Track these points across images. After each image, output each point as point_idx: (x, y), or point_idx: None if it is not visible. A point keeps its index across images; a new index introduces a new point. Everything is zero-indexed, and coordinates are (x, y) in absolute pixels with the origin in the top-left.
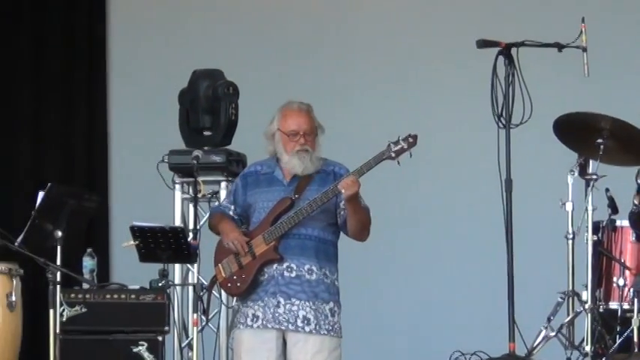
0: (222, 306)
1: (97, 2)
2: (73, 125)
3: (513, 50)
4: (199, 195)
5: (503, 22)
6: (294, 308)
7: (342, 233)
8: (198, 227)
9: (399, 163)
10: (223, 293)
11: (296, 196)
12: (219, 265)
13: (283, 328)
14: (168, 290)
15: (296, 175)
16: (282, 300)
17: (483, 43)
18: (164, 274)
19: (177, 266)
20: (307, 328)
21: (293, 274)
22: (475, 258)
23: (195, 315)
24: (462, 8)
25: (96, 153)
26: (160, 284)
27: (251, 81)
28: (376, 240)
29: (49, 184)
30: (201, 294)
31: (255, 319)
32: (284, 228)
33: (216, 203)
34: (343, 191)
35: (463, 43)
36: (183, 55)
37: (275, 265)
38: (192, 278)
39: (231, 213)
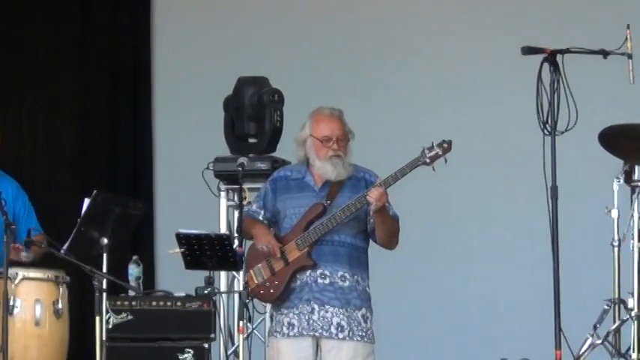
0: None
1: (141, 10)
2: (119, 133)
3: (558, 57)
4: (244, 202)
5: (548, 29)
6: (328, 315)
7: None
8: (249, 233)
9: (434, 169)
10: None
11: (328, 202)
12: (251, 271)
13: (317, 334)
14: (214, 297)
15: (327, 181)
16: (316, 307)
17: (528, 50)
18: (210, 282)
19: (222, 273)
20: (341, 335)
21: (327, 281)
22: (520, 265)
23: (241, 322)
24: (506, 14)
25: (141, 160)
26: (205, 292)
27: (296, 88)
28: (417, 246)
29: (94, 192)
30: (247, 301)
31: (291, 328)
32: (317, 234)
33: (245, 208)
34: (372, 201)
35: (507, 49)
36: (228, 62)
37: (308, 272)
38: (238, 285)
39: (260, 217)
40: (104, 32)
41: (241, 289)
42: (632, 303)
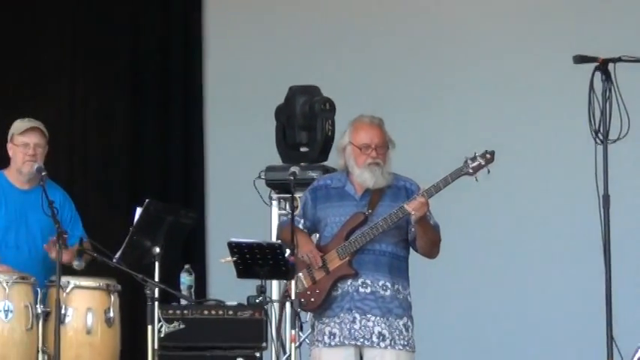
0: None
1: (193, 20)
2: (170, 141)
3: (610, 65)
4: (296, 211)
5: (600, 38)
6: (370, 324)
7: None
8: (295, 243)
9: (477, 179)
10: None
11: (369, 211)
12: (292, 280)
13: (359, 343)
14: (265, 306)
15: (367, 189)
16: (357, 316)
17: (580, 59)
18: (262, 291)
19: (274, 282)
20: (383, 344)
21: (368, 290)
22: (571, 274)
23: (293, 331)
24: (558, 24)
25: (193, 169)
26: (257, 300)
27: (348, 97)
28: (463, 256)
29: (146, 201)
30: (299, 310)
31: (332, 337)
32: (359, 243)
33: (284, 218)
34: (412, 211)
35: (559, 58)
36: (280, 71)
37: (349, 281)
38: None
39: (300, 226)
40: (156, 42)
41: (293, 297)
42: None
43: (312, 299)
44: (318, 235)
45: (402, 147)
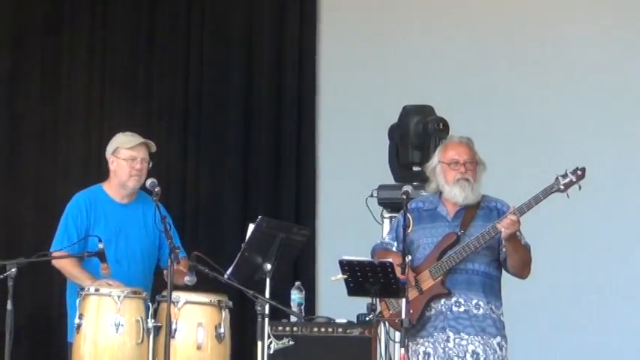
0: None
1: (307, 37)
2: (282, 159)
3: None
4: (408, 230)
5: None
6: (464, 343)
7: None
8: (407, 262)
9: (568, 195)
10: None
11: (462, 231)
12: (385, 301)
13: None
14: (376, 323)
15: (459, 211)
16: (451, 335)
17: None
18: (372, 309)
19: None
20: None
21: (461, 309)
22: None
23: (402, 350)
24: None
25: (304, 186)
26: (367, 318)
27: (461, 117)
28: (553, 275)
29: (259, 218)
30: (408, 328)
31: (427, 357)
32: (451, 263)
33: (379, 240)
34: (503, 230)
35: None
36: (393, 90)
37: (443, 300)
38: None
39: (394, 249)
40: (268, 65)
41: (403, 316)
42: None
43: (407, 319)
44: (410, 257)
45: (496, 165)
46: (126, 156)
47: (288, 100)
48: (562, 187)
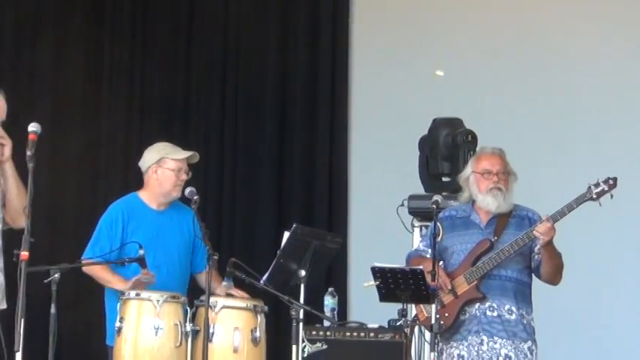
0: None
1: (340, 56)
2: (316, 169)
3: None
4: (438, 239)
5: None
6: (497, 346)
7: None
8: (437, 269)
9: (600, 204)
10: None
11: (495, 238)
12: (421, 304)
13: None
14: (406, 329)
15: (492, 219)
16: (485, 338)
17: None
18: (403, 314)
19: (413, 306)
20: None
21: (495, 314)
22: None
23: (432, 354)
24: None
25: (336, 196)
26: (399, 323)
27: (489, 130)
28: (583, 282)
29: (294, 225)
30: (438, 333)
31: (461, 359)
32: (486, 268)
33: (413, 248)
34: (540, 237)
35: None
36: (423, 103)
37: (477, 305)
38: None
39: (428, 256)
40: (302, 78)
41: (433, 322)
42: None
43: (442, 322)
44: (442, 263)
45: (528, 176)
46: (173, 166)
47: (321, 113)
48: (594, 195)
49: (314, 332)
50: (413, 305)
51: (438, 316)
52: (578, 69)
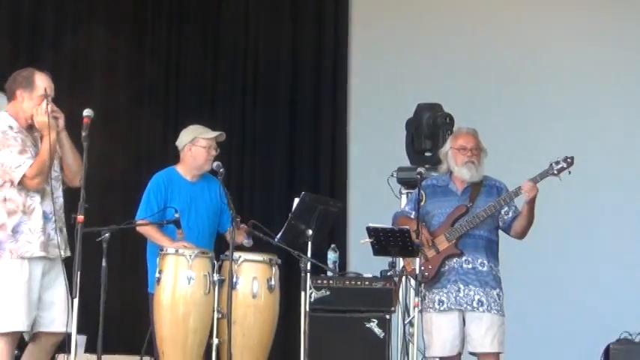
0: None
1: (340, 50)
2: (320, 146)
3: None
4: (422, 203)
5: None
6: (471, 293)
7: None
8: (420, 228)
9: (560, 179)
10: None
11: (470, 204)
12: (407, 258)
13: (462, 309)
14: (395, 278)
15: (467, 187)
16: (461, 286)
17: None
18: (393, 266)
19: (401, 259)
20: (481, 309)
21: (470, 266)
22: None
23: (416, 298)
24: (632, 50)
25: (338, 170)
26: (389, 274)
27: (464, 113)
28: (546, 241)
29: (302, 193)
30: (421, 281)
31: (441, 304)
32: (463, 229)
33: (400, 209)
34: (527, 193)
35: (630, 83)
36: (409, 91)
37: (455, 259)
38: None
39: (412, 217)
40: (310, 68)
41: (417, 272)
42: None
43: (426, 273)
44: (425, 223)
45: (496, 153)
46: (204, 144)
47: (325, 101)
48: (555, 171)
49: (319, 281)
50: (401, 259)
51: (422, 267)
52: (541, 64)
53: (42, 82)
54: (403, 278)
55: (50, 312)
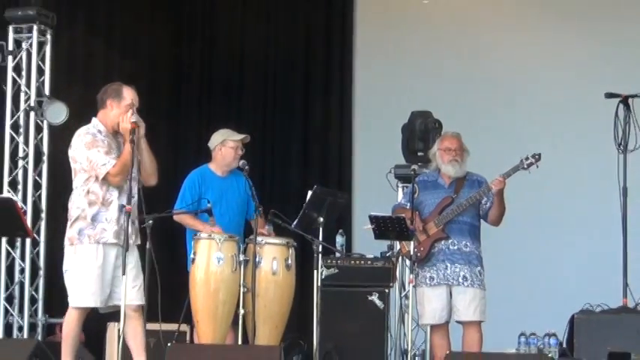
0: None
1: (346, 59)
2: (330, 147)
3: (630, 100)
4: (415, 195)
5: (622, 78)
6: (457, 270)
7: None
8: (414, 216)
9: (529, 172)
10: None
11: (455, 195)
12: (403, 242)
13: (450, 283)
14: (393, 258)
15: (452, 182)
16: (449, 265)
17: (610, 95)
18: (391, 248)
19: (397, 242)
20: (465, 284)
21: (455, 247)
22: (599, 240)
23: (411, 275)
24: (593, 69)
25: (345, 167)
26: (387, 254)
27: (451, 119)
28: (518, 225)
29: (315, 186)
30: (415, 261)
31: (431, 279)
32: (450, 216)
33: (397, 202)
34: (494, 187)
35: (594, 94)
36: (405, 100)
37: (443, 242)
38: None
39: (407, 207)
40: (321, 75)
41: (412, 253)
42: None
43: (418, 254)
44: (418, 212)
45: (479, 151)
46: (232, 145)
47: (333, 111)
48: (525, 166)
49: (328, 261)
50: (397, 242)
51: (415, 250)
52: (517, 77)
53: (128, 94)
54: (399, 258)
55: (130, 288)
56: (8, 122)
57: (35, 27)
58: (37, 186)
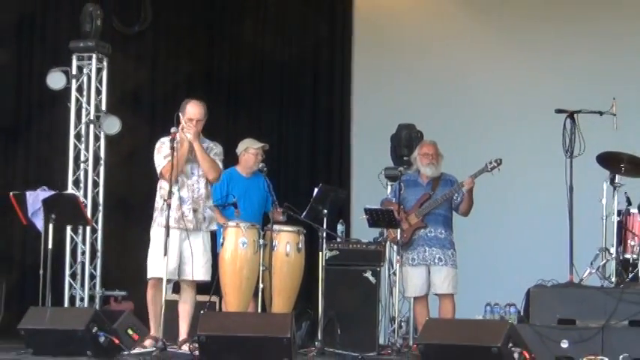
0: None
1: (344, 71)
2: (332, 151)
3: (575, 115)
4: (401, 192)
5: (570, 95)
6: (434, 252)
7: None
8: (400, 209)
9: (492, 174)
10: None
11: (432, 192)
12: (391, 229)
13: (428, 264)
14: (383, 243)
15: (430, 181)
16: (427, 248)
17: (559, 111)
18: (381, 234)
19: (386, 230)
20: (440, 263)
21: (432, 234)
22: (552, 231)
23: (397, 257)
24: (546, 88)
25: (344, 169)
26: (379, 240)
27: (430, 129)
28: (482, 217)
29: (320, 184)
30: (400, 245)
31: (413, 260)
32: (428, 209)
33: (385, 196)
34: (466, 186)
35: (545, 109)
36: (392, 114)
37: (422, 230)
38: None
39: (394, 201)
40: (322, 84)
41: (399, 238)
42: (612, 250)
43: (402, 240)
44: (402, 206)
45: (451, 156)
46: (253, 152)
47: (335, 120)
48: (489, 169)
49: (331, 244)
50: (386, 229)
51: (400, 236)
52: (486, 91)
53: (191, 108)
54: (388, 243)
55: (188, 265)
56: (72, 133)
57: (94, 55)
58: (95, 184)
